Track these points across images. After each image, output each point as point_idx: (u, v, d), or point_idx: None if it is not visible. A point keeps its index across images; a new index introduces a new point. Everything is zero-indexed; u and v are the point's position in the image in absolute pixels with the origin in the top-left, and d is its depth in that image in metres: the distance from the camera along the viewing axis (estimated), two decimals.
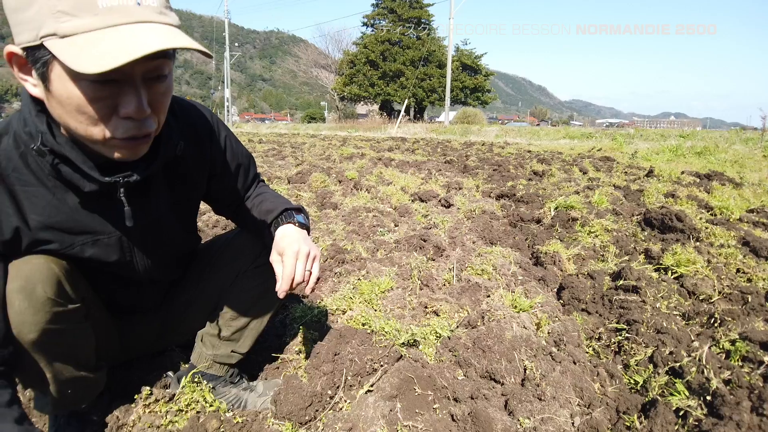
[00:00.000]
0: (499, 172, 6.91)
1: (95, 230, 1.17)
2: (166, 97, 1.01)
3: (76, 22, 0.83)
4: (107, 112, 0.93)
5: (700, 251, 2.82)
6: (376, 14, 47.65)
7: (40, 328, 1.10)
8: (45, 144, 1.00)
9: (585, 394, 1.54)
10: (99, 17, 0.84)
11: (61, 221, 1.12)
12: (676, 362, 1.66)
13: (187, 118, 1.28)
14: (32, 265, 1.09)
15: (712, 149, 10.14)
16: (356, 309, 2.03)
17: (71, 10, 0.83)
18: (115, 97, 0.92)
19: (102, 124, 0.94)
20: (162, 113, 1.02)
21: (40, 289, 1.08)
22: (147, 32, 0.87)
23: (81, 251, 1.17)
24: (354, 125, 33.25)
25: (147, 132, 0.99)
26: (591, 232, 3.41)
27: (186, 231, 1.46)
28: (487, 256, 2.79)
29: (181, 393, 1.52)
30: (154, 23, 0.89)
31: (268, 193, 1.53)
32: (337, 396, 1.53)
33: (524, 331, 1.88)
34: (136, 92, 0.93)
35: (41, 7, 0.83)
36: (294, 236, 1.31)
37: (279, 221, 1.38)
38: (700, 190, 4.92)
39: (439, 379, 1.55)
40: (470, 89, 45.10)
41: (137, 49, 0.83)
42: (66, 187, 1.09)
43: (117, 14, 0.85)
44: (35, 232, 1.09)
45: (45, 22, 0.83)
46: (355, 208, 4.21)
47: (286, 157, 9.41)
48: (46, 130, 1.00)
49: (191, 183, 1.35)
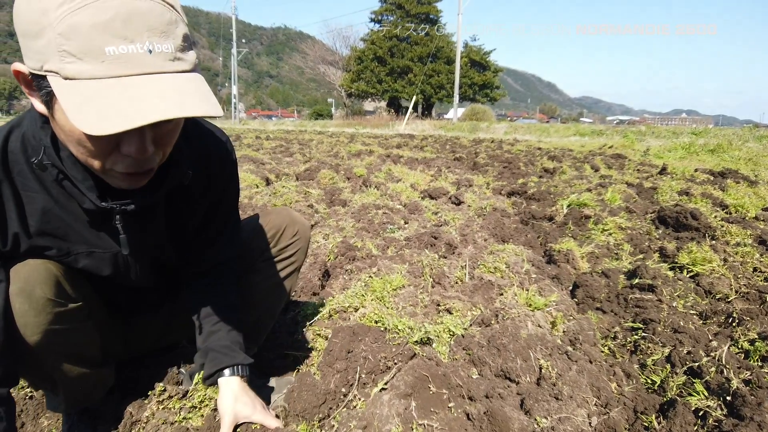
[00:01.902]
0: (510, 170, 6.87)
1: (92, 243, 1.15)
2: (174, 132, 0.97)
3: (81, 67, 0.77)
4: (108, 149, 0.89)
5: (716, 250, 2.78)
6: (384, 10, 47.55)
7: (43, 329, 1.09)
8: (47, 158, 0.98)
9: (602, 394, 1.52)
10: (105, 65, 0.77)
11: (59, 229, 1.10)
12: (695, 362, 1.64)
13: (201, 147, 1.23)
14: (30, 266, 1.08)
15: (726, 147, 10.03)
16: (368, 306, 2.02)
17: (77, 53, 0.77)
18: (118, 136, 0.86)
19: (102, 158, 0.90)
20: (168, 147, 0.98)
21: (39, 290, 1.07)
22: (156, 91, 0.80)
23: (75, 261, 1.16)
24: (361, 122, 33.22)
25: (148, 168, 0.96)
26: (604, 230, 3.38)
27: (183, 252, 1.40)
28: (500, 254, 2.76)
29: (194, 390, 1.51)
30: (166, 74, 0.82)
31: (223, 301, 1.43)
32: (350, 394, 1.51)
33: (539, 330, 1.86)
34: (141, 134, 0.88)
35: (49, 41, 0.77)
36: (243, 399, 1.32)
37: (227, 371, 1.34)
38: (714, 188, 4.86)
39: (453, 377, 1.53)
40: (479, 86, 44.93)
41: (139, 116, 0.77)
42: (69, 197, 1.07)
43: (126, 64, 0.78)
44: (35, 239, 1.08)
45: (50, 58, 0.78)
46: (365, 205, 4.20)
47: (293, 154, 9.41)
48: (49, 144, 0.97)
49: (193, 211, 1.31)
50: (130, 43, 0.78)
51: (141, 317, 1.51)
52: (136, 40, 0.78)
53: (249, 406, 1.32)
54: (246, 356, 1.38)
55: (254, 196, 4.78)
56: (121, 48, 0.77)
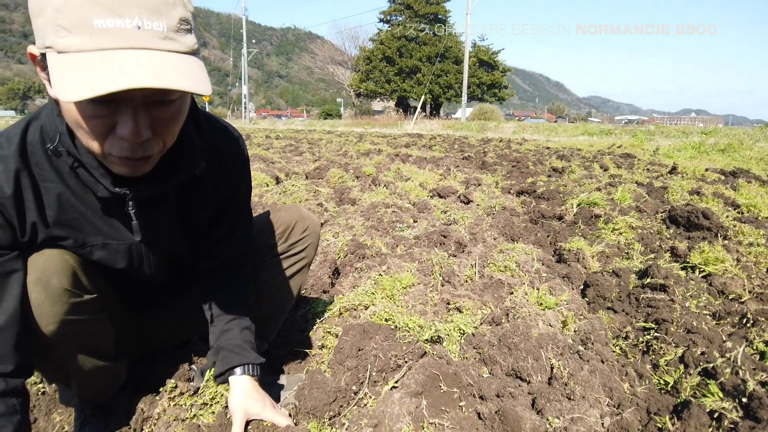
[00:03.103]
0: (518, 169, 6.84)
1: (106, 234, 1.16)
2: (173, 121, 0.96)
3: (71, 40, 0.79)
4: (104, 130, 0.90)
5: (728, 249, 2.75)
6: (393, 10, 47.50)
7: (59, 320, 1.10)
8: (62, 145, 0.99)
9: (614, 394, 1.51)
10: (93, 38, 0.79)
11: (75, 220, 1.11)
12: (709, 363, 1.62)
13: (214, 141, 1.25)
14: (47, 257, 1.09)
15: (736, 146, 9.93)
16: (379, 304, 2.01)
17: (68, 26, 0.79)
18: (113, 116, 0.88)
19: (100, 139, 0.91)
20: (168, 136, 0.98)
21: (56, 280, 1.08)
22: (137, 63, 0.80)
23: (90, 253, 1.17)
24: (370, 122, 33.22)
25: (143, 155, 0.95)
26: (615, 230, 3.35)
27: (194, 246, 1.42)
28: (509, 253, 2.75)
29: (205, 387, 1.51)
30: (154, 50, 0.83)
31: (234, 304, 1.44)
32: (361, 392, 1.51)
33: (550, 329, 1.85)
34: (134, 115, 0.88)
35: (47, 18, 0.80)
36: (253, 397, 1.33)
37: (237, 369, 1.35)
38: (726, 188, 4.81)
39: (464, 376, 1.53)
40: (487, 85, 44.77)
41: (113, 83, 0.77)
42: (84, 188, 1.08)
43: (113, 37, 0.80)
44: (51, 229, 1.09)
45: (48, 34, 0.81)
46: (374, 204, 4.20)
47: (303, 153, 9.43)
48: (65, 131, 0.98)
49: (204, 203, 1.32)
50: (118, 17, 0.79)
51: (153, 313, 1.52)
52: (125, 14, 0.80)
53: (259, 403, 1.32)
54: (257, 356, 1.38)
55: (264, 194, 4.79)
56: (108, 21, 0.79)
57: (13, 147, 1.00)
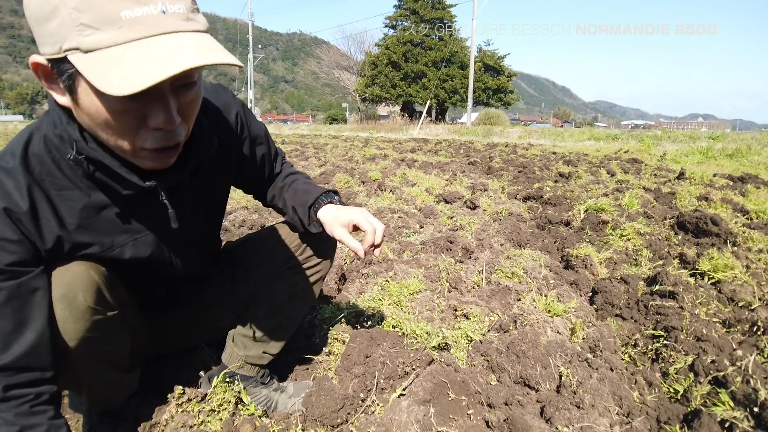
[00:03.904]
0: (525, 174, 6.82)
1: (133, 230, 1.16)
2: (196, 103, 0.97)
3: (99, 36, 0.78)
4: (136, 125, 0.89)
5: (737, 256, 2.73)
6: (399, 15, 47.62)
7: (80, 336, 1.10)
8: (80, 152, 0.98)
9: (624, 403, 1.50)
10: (123, 30, 0.79)
11: (98, 223, 1.10)
12: (719, 371, 1.60)
13: (217, 112, 1.25)
14: (73, 273, 1.08)
15: (744, 151, 9.88)
16: (386, 311, 2.01)
17: (94, 23, 0.78)
18: (144, 109, 0.88)
19: (131, 136, 0.91)
20: (191, 120, 0.99)
21: (81, 297, 1.08)
22: (174, 47, 0.81)
23: (121, 253, 1.16)
24: (375, 126, 33.27)
25: (177, 141, 0.96)
26: (623, 236, 3.33)
27: (214, 226, 1.46)
28: (517, 259, 2.74)
29: (212, 393, 1.51)
30: (181, 32, 0.83)
31: (297, 177, 1.53)
32: (369, 399, 1.51)
33: (558, 336, 1.84)
34: (165, 103, 0.88)
35: (63, 19, 0.78)
36: (344, 208, 1.35)
37: (320, 201, 1.39)
38: (734, 193, 4.78)
39: (472, 383, 1.52)
40: (492, 90, 44.75)
41: (164, 69, 0.78)
42: (101, 189, 1.07)
43: (142, 26, 0.80)
44: (74, 236, 1.08)
45: (68, 35, 0.79)
46: (380, 209, 4.20)
47: (309, 158, 9.45)
48: (80, 138, 0.97)
49: (222, 175, 1.33)
50: (144, 5, 0.79)
51: (166, 317, 1.52)
52: (149, 1, 0.80)
53: (348, 211, 1.34)
54: (326, 189, 1.44)
55: None
56: (135, 11, 0.79)
57: (17, 161, 0.99)
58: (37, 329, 1.03)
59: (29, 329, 1.02)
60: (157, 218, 1.17)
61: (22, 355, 1.01)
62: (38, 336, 1.03)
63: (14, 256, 0.99)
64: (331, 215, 1.34)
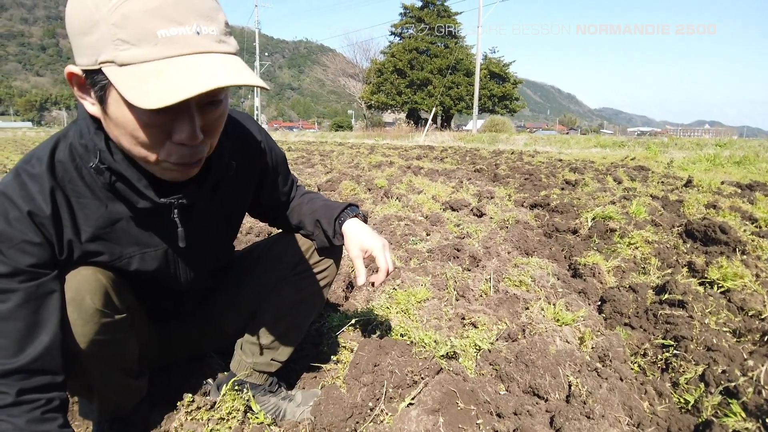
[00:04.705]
0: (531, 181, 6.81)
1: (143, 243, 1.18)
2: (220, 121, 1.00)
3: (135, 52, 0.82)
4: (161, 138, 0.92)
5: (747, 265, 2.71)
6: (404, 23, 47.87)
7: (89, 339, 1.11)
8: (103, 162, 1.00)
9: (634, 413, 1.49)
10: (158, 47, 0.82)
11: (111, 233, 1.12)
12: (730, 382, 1.59)
13: (239, 136, 1.28)
14: (81, 276, 1.10)
15: (752, 159, 9.83)
16: (394, 319, 2.01)
17: (131, 39, 0.81)
18: (170, 124, 0.91)
19: (155, 148, 0.93)
20: (215, 137, 1.01)
21: (89, 300, 1.09)
22: (206, 66, 0.84)
23: (128, 264, 1.18)
24: (381, 133, 33.35)
25: (199, 158, 0.99)
26: (631, 244, 3.32)
27: (228, 244, 1.48)
28: (524, 267, 2.73)
29: (221, 401, 1.51)
30: (213, 53, 0.87)
31: (315, 194, 1.58)
32: (377, 408, 1.50)
33: (567, 346, 1.83)
34: (191, 120, 0.91)
35: (103, 34, 0.82)
36: (368, 231, 1.40)
37: (346, 214, 1.43)
38: (743, 201, 4.75)
39: (481, 393, 1.51)
40: (498, 97, 44.85)
41: (192, 86, 0.81)
42: (118, 200, 1.10)
43: (177, 45, 0.83)
44: (86, 244, 1.10)
45: (105, 49, 0.82)
46: (386, 217, 4.20)
47: (315, 165, 9.48)
48: (104, 148, 1.00)
49: (238, 199, 1.36)
50: (179, 25, 0.83)
51: (175, 326, 1.53)
52: (185, 22, 0.83)
53: (372, 237, 1.39)
54: (350, 204, 1.48)
55: None
56: (171, 30, 0.82)
57: (44, 166, 1.02)
58: (51, 331, 1.04)
59: (44, 331, 1.03)
60: (168, 235, 1.19)
61: (37, 357, 1.02)
62: (52, 338, 1.04)
63: (35, 258, 1.01)
64: (356, 234, 1.40)
